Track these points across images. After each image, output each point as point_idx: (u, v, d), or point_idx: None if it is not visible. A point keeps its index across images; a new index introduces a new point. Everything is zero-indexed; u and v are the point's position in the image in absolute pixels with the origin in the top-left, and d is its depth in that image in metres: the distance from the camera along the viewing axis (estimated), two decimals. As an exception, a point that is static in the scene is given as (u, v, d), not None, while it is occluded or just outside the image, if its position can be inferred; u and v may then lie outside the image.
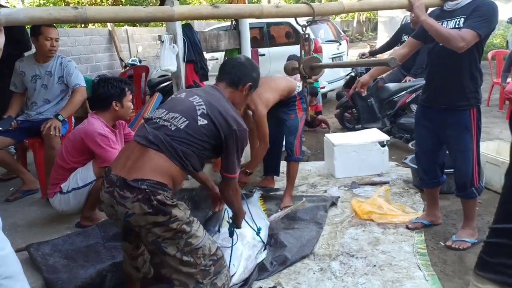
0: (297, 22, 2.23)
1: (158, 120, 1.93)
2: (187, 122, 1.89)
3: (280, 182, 4.05)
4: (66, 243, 2.55)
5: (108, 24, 8.74)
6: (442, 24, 2.53)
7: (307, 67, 2.30)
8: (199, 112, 1.91)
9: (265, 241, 2.84)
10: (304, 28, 2.16)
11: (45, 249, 2.48)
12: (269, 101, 3.29)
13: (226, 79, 2.13)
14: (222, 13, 1.93)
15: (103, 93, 2.66)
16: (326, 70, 6.19)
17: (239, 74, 2.12)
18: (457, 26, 2.51)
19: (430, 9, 2.68)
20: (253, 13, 2.02)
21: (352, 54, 9.84)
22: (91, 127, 2.61)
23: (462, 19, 2.49)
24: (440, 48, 2.57)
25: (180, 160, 1.84)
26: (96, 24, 10.84)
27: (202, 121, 1.89)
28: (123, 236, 2.10)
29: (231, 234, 2.37)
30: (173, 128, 1.87)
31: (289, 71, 2.39)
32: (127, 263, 2.18)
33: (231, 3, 4.63)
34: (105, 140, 2.60)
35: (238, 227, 2.44)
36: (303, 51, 2.32)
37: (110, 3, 12.23)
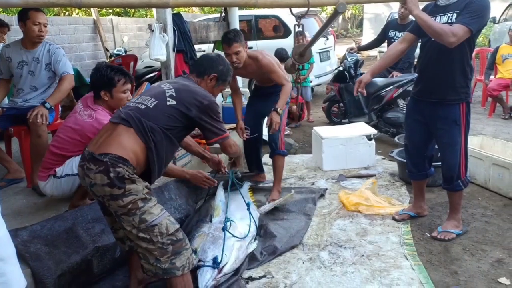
0: (291, 13, 2.23)
1: (131, 103, 2.15)
2: (156, 102, 2.08)
3: (268, 174, 4.06)
4: (44, 229, 2.47)
5: (93, 13, 8.59)
6: (435, 19, 2.56)
7: (296, 54, 2.36)
8: (168, 94, 2.12)
9: (256, 231, 2.85)
10: (298, 19, 2.17)
11: (24, 235, 2.40)
12: (271, 59, 3.28)
13: (195, 70, 2.38)
14: (217, 1, 1.92)
15: (92, 82, 2.62)
16: (313, 66, 6.27)
17: (206, 66, 2.35)
18: (449, 21, 2.54)
19: (424, 4, 2.71)
20: (247, 2, 2.02)
21: (339, 50, 9.88)
22: (99, 116, 2.57)
23: (455, 14, 2.52)
24: (432, 42, 2.61)
25: (145, 135, 1.98)
26: (80, 13, 10.64)
27: (171, 102, 2.09)
28: (101, 209, 2.22)
29: (224, 227, 2.39)
30: (143, 107, 2.06)
31: (289, 68, 2.45)
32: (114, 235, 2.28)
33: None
34: None
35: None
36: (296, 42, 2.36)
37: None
